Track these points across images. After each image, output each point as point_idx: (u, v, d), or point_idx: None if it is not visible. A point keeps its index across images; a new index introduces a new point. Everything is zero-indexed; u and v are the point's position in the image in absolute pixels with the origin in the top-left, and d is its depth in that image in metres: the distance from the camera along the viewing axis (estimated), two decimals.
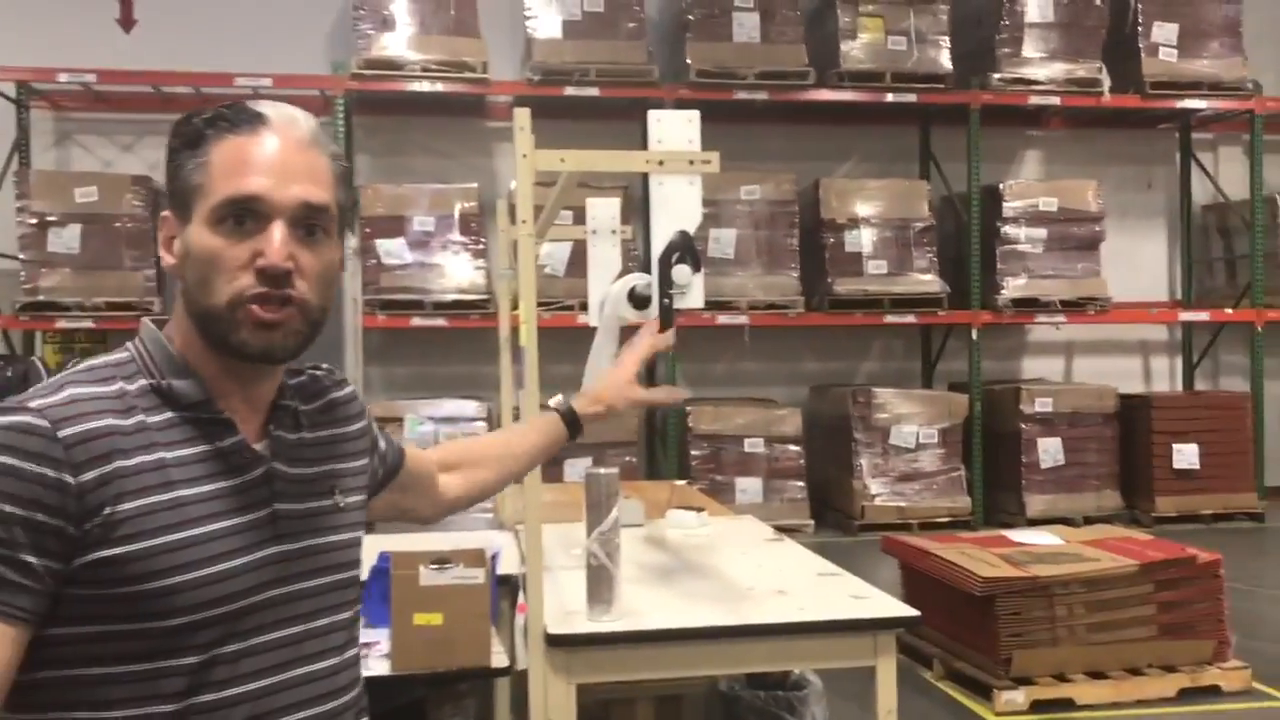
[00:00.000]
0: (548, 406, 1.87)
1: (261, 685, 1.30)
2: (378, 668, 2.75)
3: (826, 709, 3.93)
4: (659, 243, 2.67)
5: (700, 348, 8.82)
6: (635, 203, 7.96)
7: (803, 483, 8.30)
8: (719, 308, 8.25)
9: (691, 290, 2.65)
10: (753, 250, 8.48)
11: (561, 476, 7.61)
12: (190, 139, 1.32)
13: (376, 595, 2.83)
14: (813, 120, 9.10)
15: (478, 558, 2.80)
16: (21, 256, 7.75)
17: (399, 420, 7.56)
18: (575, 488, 3.81)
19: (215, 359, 1.33)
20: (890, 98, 8.61)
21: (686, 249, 2.62)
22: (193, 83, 8.19)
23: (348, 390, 1.54)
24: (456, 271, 8.16)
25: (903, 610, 2.81)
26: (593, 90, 8.26)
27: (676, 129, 2.65)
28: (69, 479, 1.21)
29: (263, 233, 1.29)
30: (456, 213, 8.18)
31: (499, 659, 3.30)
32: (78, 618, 1.24)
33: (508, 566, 3.37)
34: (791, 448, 8.28)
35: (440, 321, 8.06)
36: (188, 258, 1.31)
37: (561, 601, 2.72)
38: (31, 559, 1.20)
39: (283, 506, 1.35)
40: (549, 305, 6.78)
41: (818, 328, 8.85)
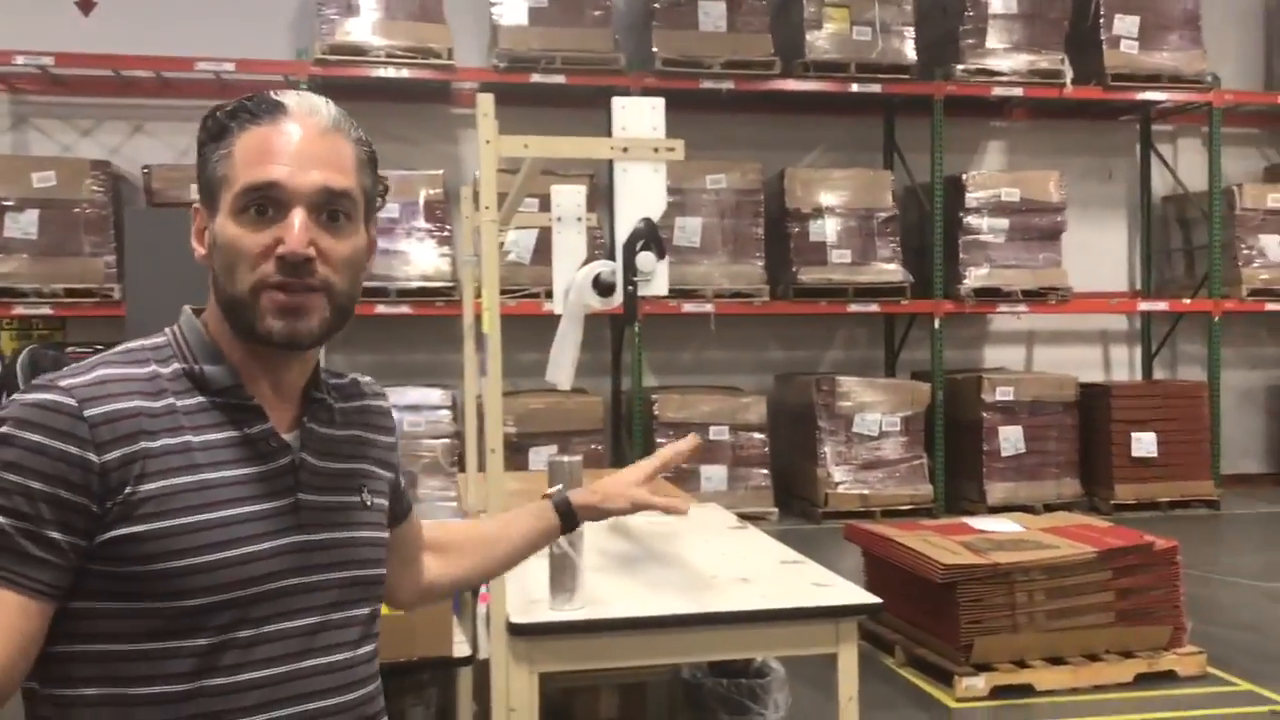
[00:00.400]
0: (548, 495, 1.82)
1: (274, 673, 1.31)
2: None
3: (789, 696, 3.95)
4: (624, 230, 2.68)
5: (666, 336, 8.84)
6: (602, 191, 7.96)
7: (767, 470, 8.35)
8: (685, 296, 8.27)
9: (656, 277, 2.66)
10: (718, 239, 8.50)
11: (527, 465, 7.61)
12: (215, 132, 1.35)
13: None
14: (778, 110, 9.13)
15: None
16: None
17: None
18: (540, 476, 3.81)
19: (242, 346, 1.36)
20: (855, 88, 8.65)
21: (651, 236, 2.62)
22: (153, 66, 8.09)
23: (386, 404, 1.56)
24: (421, 259, 8.13)
25: (864, 597, 2.84)
26: (559, 78, 8.24)
27: (641, 116, 2.66)
28: (93, 457, 1.24)
29: (284, 220, 1.31)
30: (421, 200, 8.14)
31: (461, 648, 3.30)
32: (95, 593, 1.26)
33: None
34: (756, 436, 8.32)
35: (405, 309, 8.03)
36: (215, 247, 1.34)
37: (525, 590, 2.72)
38: (56, 535, 1.23)
39: (306, 497, 1.36)
40: (515, 293, 6.77)
41: (783, 316, 8.89)
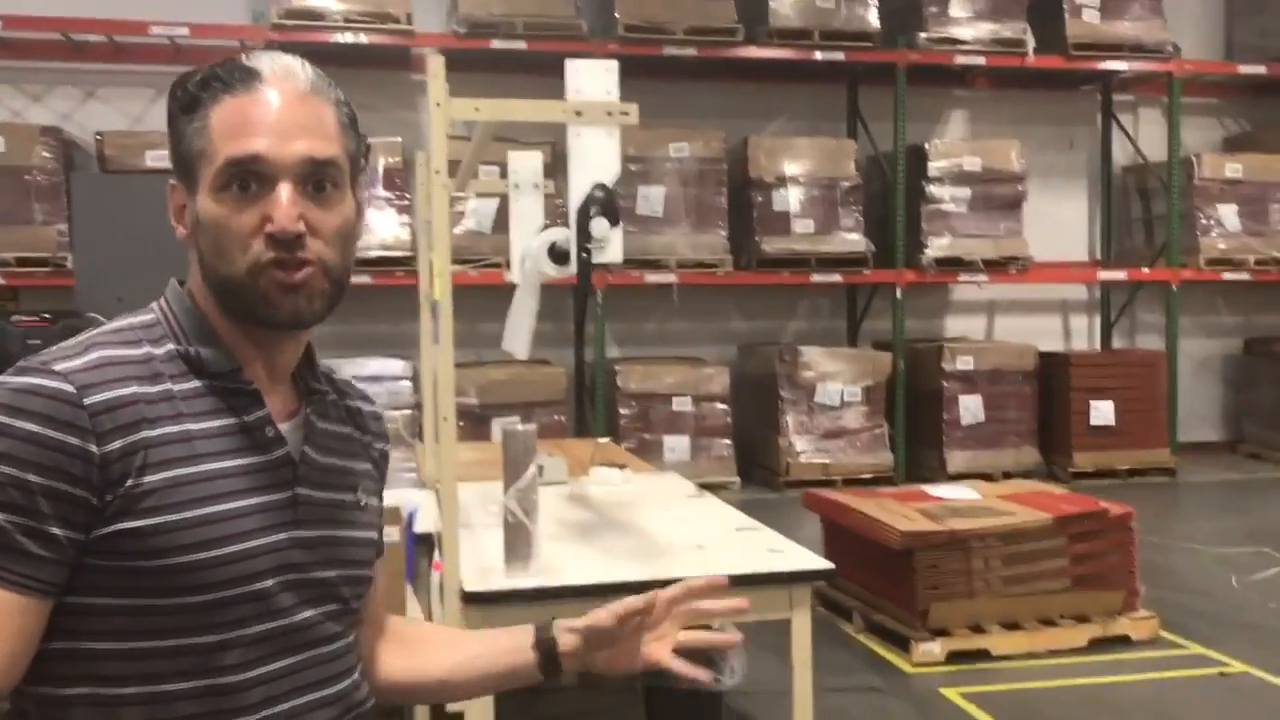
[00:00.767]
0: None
1: (277, 667, 1.28)
2: None
3: (746, 663, 3.97)
4: (577, 196, 2.65)
5: (629, 307, 8.81)
6: (562, 158, 7.88)
7: (730, 440, 8.37)
8: (647, 266, 8.24)
9: (610, 244, 2.62)
10: (681, 208, 8.45)
11: (489, 436, 7.58)
12: (186, 104, 1.28)
13: None
14: (742, 78, 9.08)
15: (392, 516, 2.77)
16: None
17: None
18: (497, 447, 3.78)
19: (236, 326, 1.30)
20: (819, 56, 8.62)
21: (604, 203, 2.59)
22: (105, 30, 7.92)
23: (375, 408, 1.52)
24: (380, 227, 8.05)
25: (818, 563, 2.85)
26: (519, 44, 8.15)
27: (595, 79, 2.62)
28: (94, 448, 1.17)
29: (270, 195, 1.25)
30: (380, 168, 8.05)
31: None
32: (86, 589, 1.19)
33: (426, 525, 3.35)
34: (719, 406, 8.33)
35: (365, 279, 7.93)
36: (199, 226, 1.28)
37: (480, 559, 2.70)
38: (56, 530, 1.16)
39: (303, 491, 1.32)
40: (476, 262, 6.71)
41: (746, 287, 8.88)
